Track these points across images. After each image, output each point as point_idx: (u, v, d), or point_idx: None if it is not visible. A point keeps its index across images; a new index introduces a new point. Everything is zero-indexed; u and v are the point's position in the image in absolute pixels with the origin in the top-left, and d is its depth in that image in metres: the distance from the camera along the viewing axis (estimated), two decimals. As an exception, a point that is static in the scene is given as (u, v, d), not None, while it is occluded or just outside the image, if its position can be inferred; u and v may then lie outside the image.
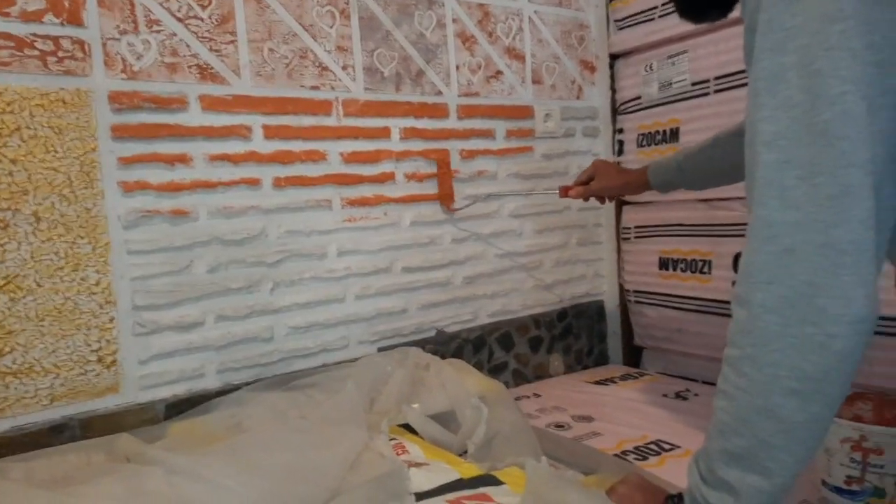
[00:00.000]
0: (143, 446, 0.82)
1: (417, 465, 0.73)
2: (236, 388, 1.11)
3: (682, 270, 1.49)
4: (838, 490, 0.86)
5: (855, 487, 0.84)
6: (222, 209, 1.11)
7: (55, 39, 0.95)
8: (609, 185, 1.20)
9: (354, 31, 1.24)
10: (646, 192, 1.54)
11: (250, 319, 1.15)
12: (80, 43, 0.97)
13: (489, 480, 0.69)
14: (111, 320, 1.02)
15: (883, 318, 1.14)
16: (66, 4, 0.95)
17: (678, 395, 1.36)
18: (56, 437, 0.97)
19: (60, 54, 0.95)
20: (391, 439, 0.83)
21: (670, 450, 1.08)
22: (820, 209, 0.48)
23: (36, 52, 0.94)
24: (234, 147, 1.11)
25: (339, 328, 1.25)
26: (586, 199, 1.24)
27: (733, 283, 0.56)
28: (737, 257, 1.33)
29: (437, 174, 1.36)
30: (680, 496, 0.66)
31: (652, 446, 1.10)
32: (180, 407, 1.07)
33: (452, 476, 0.71)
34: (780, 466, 0.53)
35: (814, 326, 0.49)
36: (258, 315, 1.16)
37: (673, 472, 0.98)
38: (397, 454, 0.77)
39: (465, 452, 0.86)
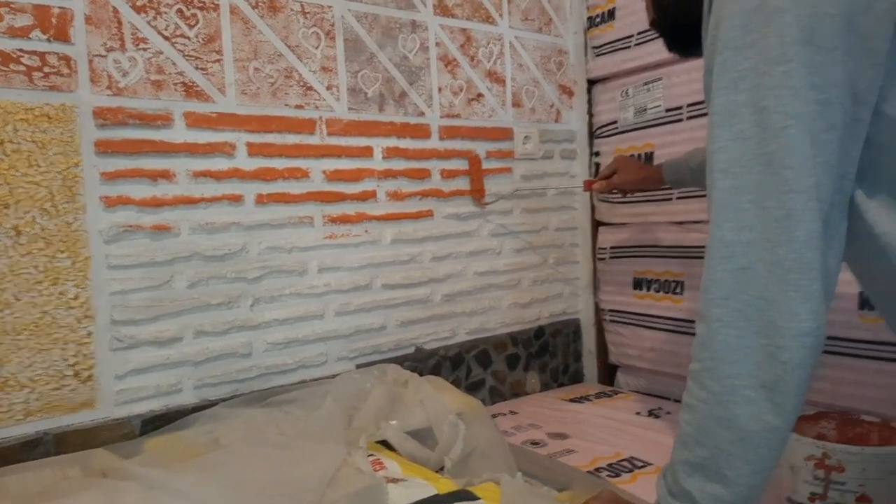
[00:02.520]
0: (120, 461, 0.82)
1: (395, 480, 0.74)
2: (213, 403, 1.10)
3: (656, 290, 1.53)
4: (802, 507, 0.89)
5: (818, 504, 0.87)
6: (204, 225, 1.12)
7: (42, 55, 0.96)
8: (629, 179, 1.29)
9: (339, 53, 1.26)
10: (622, 214, 1.60)
11: (229, 335, 1.15)
12: (67, 59, 0.98)
13: (465, 496, 0.70)
14: (89, 335, 1.02)
15: (847, 340, 1.18)
16: (54, 21, 0.96)
17: (651, 413, 1.39)
18: (29, 453, 0.96)
19: (46, 70, 0.96)
20: (369, 455, 0.84)
21: (643, 467, 1.10)
22: (769, 230, 0.52)
23: (22, 68, 0.94)
24: (218, 164, 1.13)
25: (318, 344, 1.26)
26: (609, 192, 1.35)
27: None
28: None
29: (469, 171, 1.46)
30: (649, 511, 0.68)
31: (625, 463, 1.12)
32: (156, 422, 1.07)
33: (429, 492, 0.72)
34: (738, 475, 0.56)
35: (766, 338, 0.53)
36: (237, 331, 1.16)
37: (645, 489, 1.00)
38: (375, 470, 0.78)
39: (443, 468, 0.87)
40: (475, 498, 0.69)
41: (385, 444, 0.94)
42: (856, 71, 0.51)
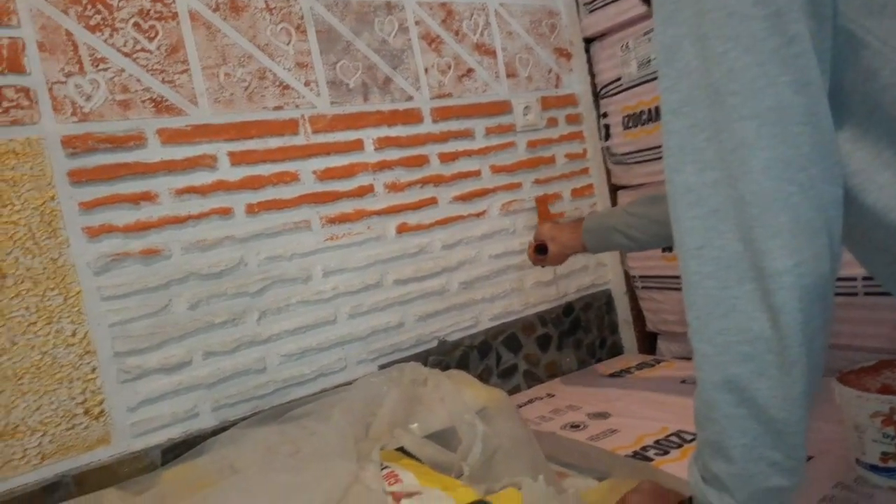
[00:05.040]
0: (126, 502, 0.78)
1: (409, 494, 0.68)
2: (233, 423, 1.07)
3: (685, 250, 1.43)
4: (874, 468, 0.80)
5: (892, 464, 0.78)
6: (196, 243, 1.07)
7: (-3, 90, 0.92)
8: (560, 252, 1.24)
9: (313, 46, 1.20)
10: (640, 174, 1.50)
11: (239, 352, 1.11)
12: (25, 90, 0.94)
13: (483, 506, 0.64)
14: (93, 370, 0.99)
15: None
16: (5, 53, 0.93)
17: (696, 380, 1.30)
18: (50, 496, 0.94)
19: (5, 104, 0.93)
20: (384, 468, 0.78)
21: (692, 440, 1.02)
22: (728, 165, 0.47)
23: (-21, 106, 0.91)
24: (201, 178, 1.08)
25: (335, 350, 1.21)
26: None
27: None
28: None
29: (539, 218, 1.47)
30: (690, 500, 0.61)
31: (673, 438, 1.04)
32: (177, 450, 1.03)
33: (446, 504, 0.66)
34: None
35: (751, 282, 0.47)
36: (247, 347, 1.12)
37: (694, 466, 0.93)
38: (389, 484, 0.73)
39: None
40: (494, 507, 0.63)
41: (406, 450, 0.88)
42: None
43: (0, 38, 0.92)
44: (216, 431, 1.05)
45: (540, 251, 1.26)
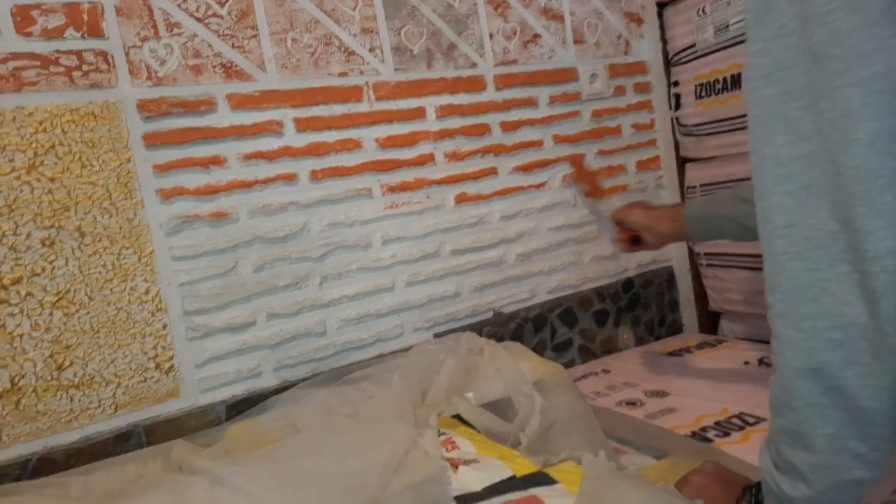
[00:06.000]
0: (192, 455, 0.82)
1: (467, 462, 0.69)
2: (293, 384, 1.10)
3: (756, 228, 1.37)
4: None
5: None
6: (262, 208, 1.10)
7: (78, 53, 0.95)
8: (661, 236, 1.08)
9: (378, 11, 1.19)
10: (710, 147, 1.44)
11: (301, 315, 1.14)
12: (104, 54, 0.97)
13: (541, 479, 0.64)
14: (164, 327, 1.03)
15: None
16: (85, 17, 0.95)
17: (761, 362, 1.26)
18: (123, 445, 0.99)
19: (85, 68, 0.96)
20: (442, 434, 0.79)
21: (755, 423, 0.99)
22: (826, 137, 0.44)
23: (61, 69, 0.94)
24: (267, 143, 1.10)
25: (392, 317, 1.23)
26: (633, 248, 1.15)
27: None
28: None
29: (575, 175, 1.41)
30: (759, 486, 0.59)
31: (734, 420, 1.02)
32: (240, 407, 1.07)
33: (504, 474, 0.66)
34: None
35: (847, 265, 0.44)
36: (309, 310, 1.14)
37: (757, 449, 0.90)
38: (447, 450, 0.73)
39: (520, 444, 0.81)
40: (553, 481, 0.63)
41: (463, 418, 0.89)
42: None
43: (82, 3, 0.95)
44: (277, 391, 1.09)
45: (634, 241, 1.13)
